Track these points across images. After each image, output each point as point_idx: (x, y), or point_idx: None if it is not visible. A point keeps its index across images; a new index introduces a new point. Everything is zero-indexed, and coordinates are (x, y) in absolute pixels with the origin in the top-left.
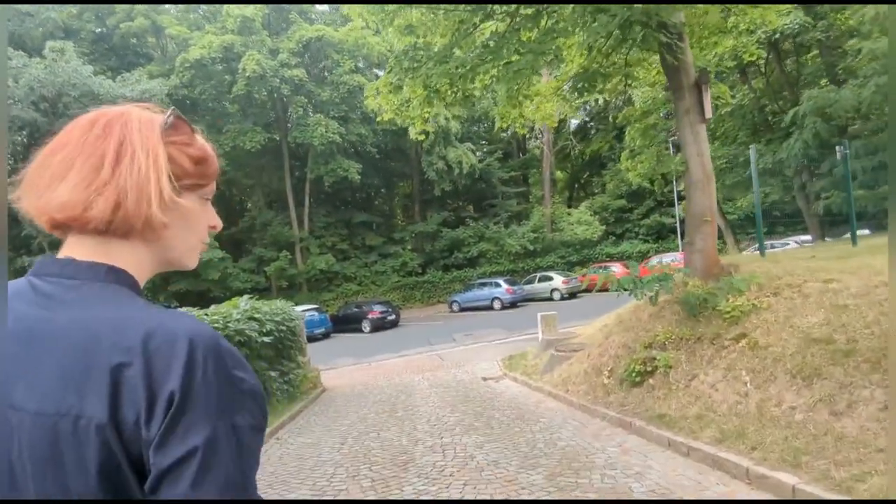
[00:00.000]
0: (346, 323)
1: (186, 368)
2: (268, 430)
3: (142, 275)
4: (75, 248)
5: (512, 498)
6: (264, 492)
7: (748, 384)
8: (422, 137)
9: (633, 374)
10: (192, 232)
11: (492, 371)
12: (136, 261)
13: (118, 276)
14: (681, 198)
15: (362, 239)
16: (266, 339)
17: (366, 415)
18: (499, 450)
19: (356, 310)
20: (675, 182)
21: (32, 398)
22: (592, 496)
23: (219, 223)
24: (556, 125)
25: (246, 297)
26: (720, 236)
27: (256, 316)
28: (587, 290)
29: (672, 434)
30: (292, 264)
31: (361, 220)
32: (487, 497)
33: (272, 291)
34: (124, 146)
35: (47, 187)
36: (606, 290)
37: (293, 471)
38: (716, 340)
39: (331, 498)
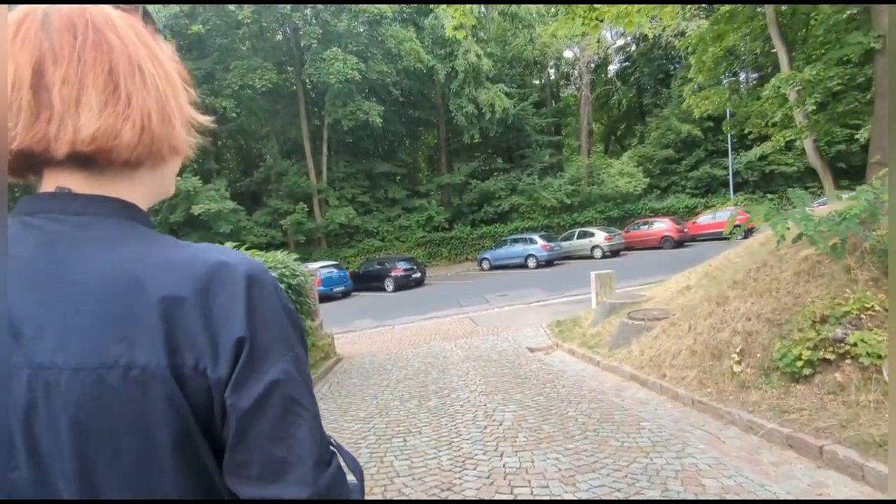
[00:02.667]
0: (367, 281)
1: (250, 307)
2: None
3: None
4: (65, 182)
5: None
6: None
7: None
8: (460, 35)
9: (798, 363)
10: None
11: (538, 339)
12: (141, 193)
13: (132, 213)
14: (745, 146)
15: (385, 191)
16: None
17: (388, 402)
18: (605, 490)
19: (378, 267)
20: (729, 127)
21: (67, 352)
22: None
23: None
24: (633, 29)
25: (228, 244)
26: (815, 179)
27: None
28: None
29: None
30: (310, 217)
31: (383, 171)
32: None
33: (289, 246)
34: (132, 58)
35: (64, 113)
36: (652, 245)
37: None
38: None
39: None
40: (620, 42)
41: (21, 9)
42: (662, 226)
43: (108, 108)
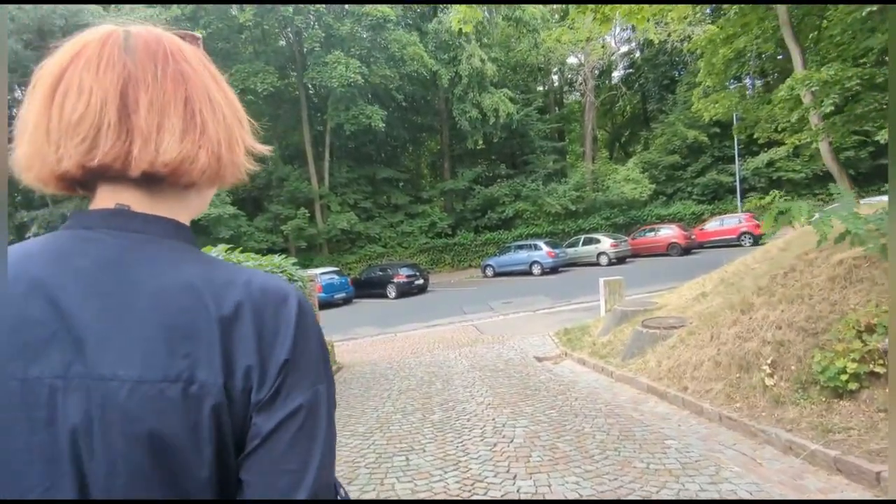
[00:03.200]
0: (369, 287)
1: (297, 334)
2: None
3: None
4: (124, 199)
5: None
6: None
7: None
8: (468, 29)
9: (842, 377)
10: None
11: (545, 348)
12: (187, 213)
13: (185, 234)
14: (752, 152)
15: (387, 197)
16: None
17: (389, 416)
18: None
19: (380, 273)
20: (738, 132)
21: (129, 364)
22: None
23: None
24: (642, 27)
25: (221, 246)
26: (823, 186)
27: None
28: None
29: None
30: (311, 223)
31: (386, 177)
32: None
33: (290, 252)
34: (205, 88)
35: (149, 136)
36: (659, 252)
37: None
38: None
39: None
40: (625, 49)
41: (100, 29)
42: (669, 232)
43: (189, 134)
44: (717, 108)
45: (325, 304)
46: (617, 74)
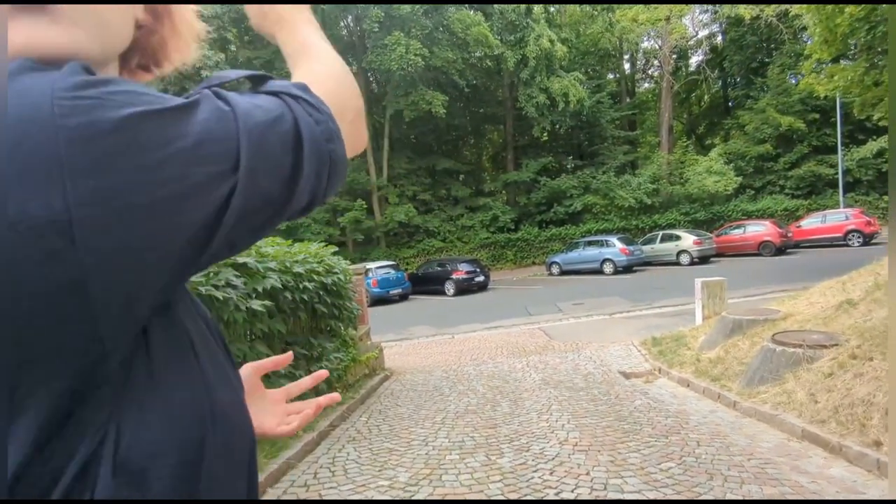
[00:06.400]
0: (426, 283)
1: None
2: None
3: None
4: None
5: None
6: None
7: None
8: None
9: None
10: None
11: (632, 360)
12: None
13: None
14: (858, 141)
15: (447, 189)
16: (257, 307)
17: (443, 454)
18: None
19: (439, 269)
20: (840, 118)
21: None
22: None
23: None
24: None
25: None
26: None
27: (240, 271)
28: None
29: None
30: (369, 215)
31: (446, 168)
32: None
33: (348, 245)
34: None
35: None
36: (749, 251)
37: None
38: None
39: None
40: (705, 32)
41: None
42: (760, 230)
43: None
44: (835, 81)
45: (381, 300)
46: (695, 60)
